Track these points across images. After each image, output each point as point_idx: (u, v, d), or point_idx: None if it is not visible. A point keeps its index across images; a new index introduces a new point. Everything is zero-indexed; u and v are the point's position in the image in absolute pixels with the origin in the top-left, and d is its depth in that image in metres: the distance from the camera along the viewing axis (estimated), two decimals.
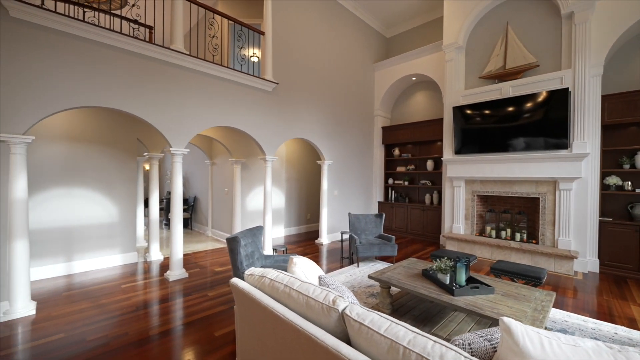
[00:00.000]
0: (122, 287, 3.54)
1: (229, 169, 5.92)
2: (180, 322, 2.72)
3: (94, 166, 4.15)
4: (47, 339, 2.41)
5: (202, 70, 3.95)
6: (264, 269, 1.72)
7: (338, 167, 6.29)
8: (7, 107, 2.69)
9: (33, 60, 2.80)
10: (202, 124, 4.00)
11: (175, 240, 3.77)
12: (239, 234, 2.86)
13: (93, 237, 4.18)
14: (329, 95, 6.01)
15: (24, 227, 2.77)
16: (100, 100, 3.17)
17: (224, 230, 6.12)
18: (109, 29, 3.17)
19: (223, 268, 4.30)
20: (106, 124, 4.25)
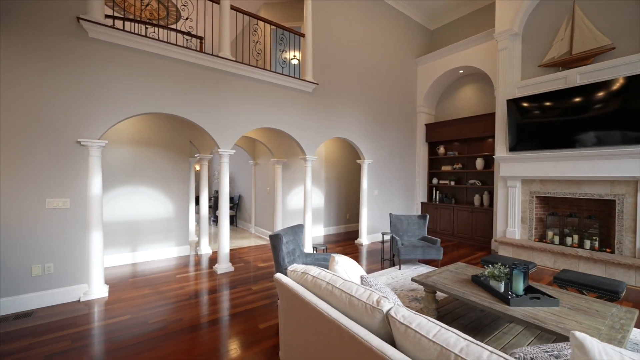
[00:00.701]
0: (177, 277, 3.86)
1: (270, 168, 6.13)
2: (227, 313, 2.89)
3: (153, 167, 4.61)
4: (117, 319, 2.73)
5: (246, 74, 4.15)
6: (306, 266, 1.74)
7: (378, 167, 6.16)
8: (87, 116, 3.10)
9: (107, 74, 3.20)
10: (247, 125, 4.20)
11: (222, 236, 4.01)
12: (281, 232, 2.94)
13: (153, 231, 4.63)
14: (369, 94, 5.91)
15: (99, 220, 3.18)
16: (159, 107, 3.51)
17: (266, 227, 6.37)
18: (166, 42, 3.49)
19: (265, 264, 4.47)
20: (163, 128, 4.69)
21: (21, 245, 2.85)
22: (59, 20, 2.97)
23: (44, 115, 2.92)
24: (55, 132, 2.97)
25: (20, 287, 2.86)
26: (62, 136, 3.01)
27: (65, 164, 3.04)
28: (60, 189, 3.02)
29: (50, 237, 2.97)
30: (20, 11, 2.80)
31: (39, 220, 2.93)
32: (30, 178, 2.88)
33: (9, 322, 2.64)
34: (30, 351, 2.22)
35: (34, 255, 2.91)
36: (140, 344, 2.33)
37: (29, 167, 2.87)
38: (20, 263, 2.85)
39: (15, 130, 2.81)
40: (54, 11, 2.94)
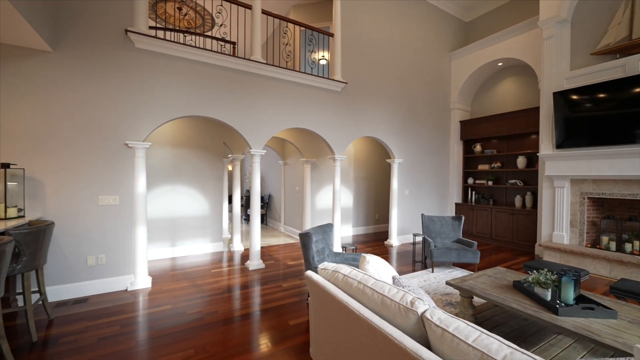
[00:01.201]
0: (212, 272, 4.05)
1: (300, 168, 6.21)
2: (257, 308, 2.97)
3: (190, 167, 4.88)
4: (159, 308, 2.93)
5: (277, 76, 4.25)
6: (337, 265, 1.74)
7: (409, 166, 5.98)
8: (133, 120, 3.37)
9: (150, 81, 3.45)
10: (277, 126, 4.30)
11: (254, 233, 4.13)
12: (311, 230, 2.97)
13: (190, 227, 4.91)
14: (400, 91, 5.76)
15: (144, 216, 3.43)
16: (196, 110, 3.71)
17: (295, 226, 6.46)
18: (202, 48, 3.67)
19: (295, 262, 4.53)
20: (199, 130, 4.95)
21: (78, 237, 3.16)
22: (110, 34, 3.25)
23: (97, 119, 3.22)
24: (107, 135, 3.26)
25: (77, 275, 3.17)
26: (112, 139, 3.29)
27: (115, 164, 3.32)
28: (111, 187, 3.30)
29: (102, 231, 3.27)
30: (79, 28, 3.11)
31: (93, 215, 3.23)
32: (86, 177, 3.19)
33: (68, 307, 2.94)
34: (86, 333, 2.46)
35: (89, 247, 3.21)
36: (180, 333, 2.47)
37: (85, 167, 3.18)
38: (77, 254, 3.16)
39: (73, 133, 3.12)
40: (106, 26, 3.23)
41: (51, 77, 3.02)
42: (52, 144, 3.03)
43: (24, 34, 2.65)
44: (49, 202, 3.03)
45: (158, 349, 2.25)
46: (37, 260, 2.39)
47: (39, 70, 2.97)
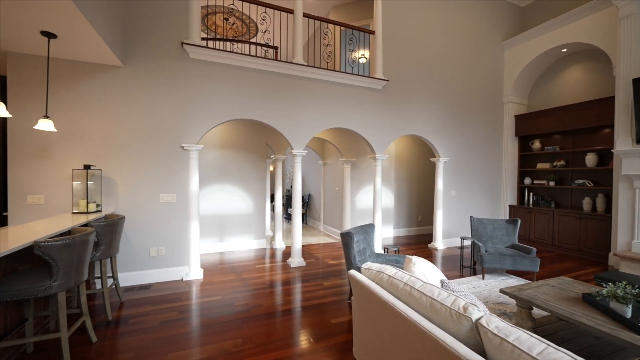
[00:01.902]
0: (256, 267, 4.24)
1: (339, 168, 6.22)
2: (299, 304, 3.04)
3: (236, 167, 5.17)
4: (210, 298, 3.15)
5: (317, 77, 4.31)
6: (381, 265, 1.71)
7: (456, 165, 5.64)
8: (187, 124, 3.67)
9: (203, 88, 3.73)
10: (318, 126, 4.36)
11: (295, 231, 4.24)
12: (353, 230, 2.95)
13: (236, 224, 5.20)
14: (445, 86, 5.46)
15: (197, 213, 3.72)
16: (242, 113, 3.92)
17: (334, 226, 6.48)
18: (247, 54, 3.87)
19: (335, 262, 4.55)
20: (244, 132, 5.22)
21: (143, 231, 3.54)
22: (169, 47, 3.59)
23: (158, 125, 3.57)
24: (166, 138, 3.61)
25: (142, 264, 3.55)
26: (170, 142, 3.63)
27: (173, 165, 3.65)
28: (169, 185, 3.64)
29: (162, 226, 3.62)
30: (144, 44, 3.48)
31: (155, 211, 3.59)
32: (149, 177, 3.56)
33: (135, 292, 3.30)
34: (150, 316, 2.74)
35: (152, 239, 3.58)
36: (229, 323, 2.63)
37: (148, 167, 3.55)
38: (142, 245, 3.54)
39: (139, 138, 3.50)
40: (166, 40, 3.57)
41: (121, 89, 3.43)
42: (122, 148, 3.44)
43: (102, 53, 3.05)
44: (120, 199, 3.44)
45: (210, 335, 2.43)
46: (112, 249, 2.74)
47: (112, 83, 3.39)
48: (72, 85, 3.24)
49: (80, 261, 2.00)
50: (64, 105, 3.20)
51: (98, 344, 2.30)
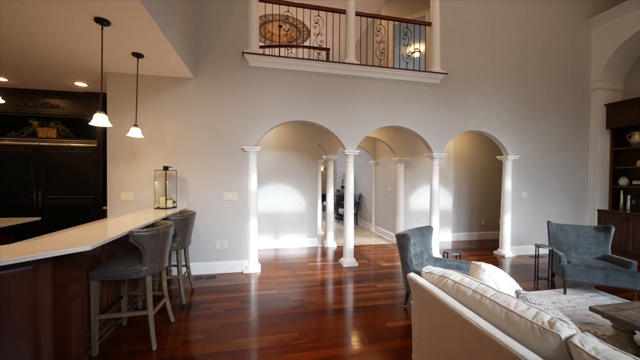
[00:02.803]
0: (309, 265, 4.35)
1: (392, 168, 6.03)
2: (352, 304, 3.02)
3: (290, 168, 5.37)
4: (268, 291, 3.33)
5: (370, 75, 4.24)
6: (444, 270, 1.60)
7: (527, 163, 5.01)
8: (247, 127, 3.94)
9: (260, 92, 3.96)
10: (371, 125, 4.29)
11: (347, 232, 4.23)
12: (409, 232, 2.83)
13: (290, 222, 5.40)
14: (515, 75, 4.90)
15: (255, 210, 3.96)
16: (296, 115, 4.06)
17: (386, 227, 6.30)
18: (300, 58, 3.99)
19: (388, 264, 4.42)
20: (298, 134, 5.39)
21: (209, 226, 3.90)
22: (231, 57, 3.90)
23: (222, 129, 3.90)
24: (228, 141, 3.92)
25: (209, 256, 3.92)
26: (232, 144, 3.93)
27: (235, 166, 3.95)
28: (231, 185, 3.95)
29: (225, 222, 3.94)
30: (210, 57, 3.84)
31: (219, 208, 3.92)
32: (215, 176, 3.91)
33: (203, 280, 3.66)
34: (216, 303, 3.01)
35: (217, 233, 3.92)
36: (285, 316, 2.74)
37: (214, 168, 3.90)
38: (209, 239, 3.91)
39: (206, 141, 3.87)
40: (228, 52, 3.88)
41: (192, 98, 3.83)
42: (192, 151, 3.84)
43: (178, 68, 3.45)
44: (191, 196, 3.85)
45: (269, 326, 2.56)
46: (185, 241, 3.07)
47: (184, 93, 3.81)
48: (154, 97, 3.73)
49: (163, 250, 2.29)
50: (148, 115, 3.71)
51: (175, 323, 2.60)
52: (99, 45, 2.76)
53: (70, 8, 2.17)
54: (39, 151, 4.27)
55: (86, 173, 4.41)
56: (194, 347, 2.25)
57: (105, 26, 2.41)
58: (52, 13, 2.24)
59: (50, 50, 2.95)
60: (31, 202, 4.27)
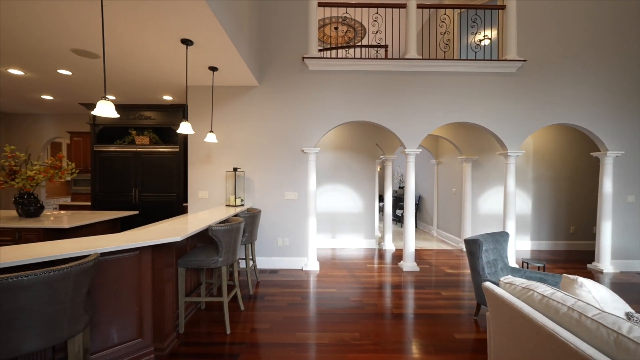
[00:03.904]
0: (367, 266, 4.30)
1: (457, 167, 5.59)
2: (413, 310, 2.89)
3: (347, 168, 5.39)
4: (326, 290, 3.39)
5: (432, 70, 4.00)
6: (529, 281, 1.42)
7: (635, 160, 4.13)
8: (307, 129, 4.07)
9: (319, 95, 4.07)
10: (433, 123, 4.04)
11: (407, 234, 4.06)
12: (480, 237, 2.59)
13: (347, 223, 5.42)
14: (614, 53, 4.09)
15: (314, 210, 4.08)
16: (355, 115, 4.05)
17: (450, 231, 5.86)
18: (358, 58, 3.97)
19: (454, 271, 4.10)
20: (354, 134, 5.37)
21: (272, 223, 4.15)
22: (292, 63, 4.08)
23: (283, 132, 4.11)
24: (289, 143, 4.11)
25: (271, 251, 4.17)
26: (293, 146, 4.11)
27: (295, 167, 4.13)
28: (292, 185, 4.14)
29: (286, 220, 4.14)
30: (274, 65, 4.09)
31: (281, 207, 4.14)
32: (277, 177, 4.14)
33: (266, 274, 3.90)
34: (279, 297, 3.18)
35: (278, 231, 4.15)
36: (345, 315, 2.76)
37: (276, 169, 4.13)
38: (271, 236, 4.16)
39: (269, 144, 4.13)
40: (290, 58, 4.08)
41: (257, 104, 4.12)
42: (257, 153, 4.13)
43: (246, 78, 3.76)
44: (256, 195, 4.15)
45: (329, 324, 2.61)
46: (252, 236, 3.33)
47: (250, 100, 4.13)
48: (225, 105, 4.12)
49: (235, 243, 2.51)
50: (220, 121, 4.12)
51: (245, 312, 2.83)
52: (184, 63, 3.17)
53: (163, 32, 2.54)
54: (136, 156, 5.09)
55: (170, 174, 5.09)
56: (261, 335, 2.42)
57: (189, 46, 2.76)
58: (149, 37, 2.65)
59: (146, 71, 3.49)
60: (130, 199, 5.11)
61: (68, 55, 3.06)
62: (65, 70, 3.50)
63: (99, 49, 2.90)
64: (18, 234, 2.85)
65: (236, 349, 2.23)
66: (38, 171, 3.13)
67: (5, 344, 1.19)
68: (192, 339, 2.36)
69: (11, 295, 1.17)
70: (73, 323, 1.36)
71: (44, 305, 1.25)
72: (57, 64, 3.32)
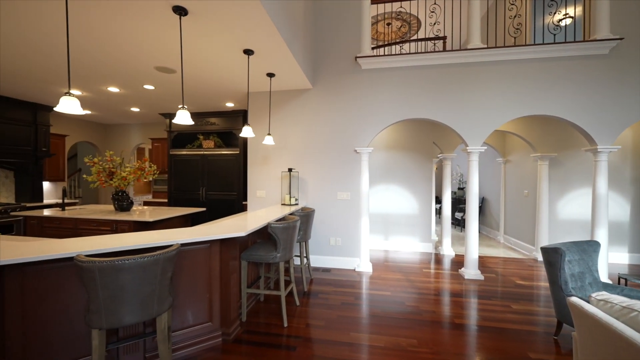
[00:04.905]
0: (423, 271, 4.08)
1: (529, 166, 4.96)
2: (476, 322, 2.65)
3: (401, 167, 5.19)
4: (380, 292, 3.32)
5: (499, 59, 3.62)
6: (632, 300, 1.20)
7: None
8: (360, 129, 4.04)
9: (372, 94, 4.00)
10: (500, 118, 3.66)
11: (471, 239, 3.75)
12: (562, 246, 2.26)
13: (400, 224, 5.22)
14: None
15: (367, 210, 4.03)
16: (410, 113, 3.89)
17: (520, 238, 5.23)
18: (413, 53, 3.80)
19: (526, 282, 3.66)
20: (409, 132, 5.15)
21: (325, 223, 4.21)
22: (345, 64, 4.09)
23: (336, 133, 4.15)
24: (342, 144, 4.13)
25: (324, 250, 4.23)
26: (345, 146, 4.12)
27: (347, 167, 4.13)
28: (344, 185, 4.15)
29: (339, 219, 4.17)
30: (326, 67, 4.15)
31: (333, 206, 4.18)
32: (329, 177, 4.19)
33: (319, 272, 3.98)
34: (332, 295, 3.22)
35: (331, 230, 4.19)
36: (400, 320, 2.67)
37: (329, 169, 4.19)
38: (324, 235, 4.22)
39: (322, 145, 4.20)
40: (343, 59, 4.10)
41: (310, 106, 4.23)
42: (310, 154, 4.24)
43: (301, 81, 3.89)
44: (310, 195, 4.26)
45: (384, 327, 2.55)
46: (307, 234, 3.43)
47: (304, 102, 4.26)
48: (281, 108, 4.32)
49: (292, 241, 2.62)
50: (276, 124, 4.33)
51: (300, 307, 2.93)
52: (245, 72, 3.42)
53: (228, 45, 2.78)
54: (203, 158, 5.65)
55: (231, 174, 5.53)
56: (316, 331, 2.48)
57: (250, 55, 2.97)
58: (216, 50, 2.92)
59: (213, 81, 3.85)
60: (198, 197, 5.69)
61: (152, 73, 3.55)
62: (149, 86, 4.06)
63: (175, 65, 3.30)
64: (115, 225, 3.40)
65: (292, 342, 2.32)
66: (129, 172, 3.69)
67: (112, 315, 1.43)
68: (253, 327, 2.53)
69: (116, 275, 1.40)
70: (160, 303, 1.57)
71: (139, 286, 1.47)
72: (143, 81, 3.87)
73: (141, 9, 2.17)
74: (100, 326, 1.43)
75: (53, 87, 4.14)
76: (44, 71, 3.52)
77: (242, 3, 2.09)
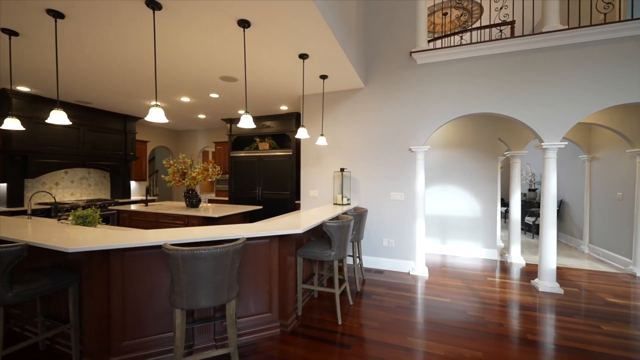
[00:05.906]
0: (487, 279, 3.74)
1: (623, 165, 4.20)
2: (553, 340, 2.34)
3: (460, 167, 4.83)
4: (438, 298, 3.14)
5: (583, 40, 3.13)
6: None
7: None
8: (415, 127, 3.87)
9: (428, 90, 3.81)
10: (586, 108, 3.16)
11: (547, 247, 3.31)
12: None
13: (460, 228, 4.86)
14: None
15: (423, 211, 3.84)
16: (472, 108, 3.60)
17: (612, 249, 4.45)
18: (475, 42, 3.50)
19: (620, 301, 3.10)
20: (470, 129, 4.77)
21: (377, 223, 4.14)
22: (399, 61, 3.97)
23: (389, 131, 4.04)
24: (395, 143, 4.01)
25: (376, 251, 4.16)
26: (399, 145, 3.99)
27: (401, 166, 3.99)
28: (398, 185, 4.02)
29: (392, 220, 4.05)
30: (378, 65, 4.08)
31: (386, 207, 4.08)
32: (382, 177, 4.10)
33: (372, 273, 3.92)
34: (386, 297, 3.15)
35: (384, 231, 4.10)
36: (463, 330, 2.49)
37: (381, 169, 4.10)
38: (377, 236, 4.15)
39: (375, 144, 4.13)
40: (396, 56, 3.98)
41: (362, 105, 4.19)
42: (363, 153, 4.20)
43: (353, 82, 3.90)
44: (362, 195, 4.23)
45: (444, 335, 2.40)
46: (360, 234, 3.41)
47: (356, 102, 4.24)
48: (333, 109, 4.37)
49: (345, 240, 2.64)
50: (328, 125, 4.40)
51: (353, 307, 2.93)
52: (300, 76, 3.55)
53: (285, 50, 2.91)
54: (259, 159, 6.01)
55: (285, 175, 5.77)
56: (370, 331, 2.46)
57: (305, 59, 3.07)
58: (273, 57, 3.09)
59: (269, 86, 4.08)
60: (255, 196, 6.07)
61: (217, 82, 3.90)
62: (214, 94, 4.48)
63: (236, 74, 3.57)
64: (187, 220, 3.82)
65: (346, 340, 2.34)
66: (198, 173, 4.11)
67: (191, 298, 1.62)
68: (308, 322, 2.61)
69: (195, 263, 1.58)
70: (230, 290, 1.73)
71: (213, 274, 1.63)
72: (209, 90, 4.28)
73: (211, 23, 2.40)
74: (182, 306, 1.63)
75: (137, 100, 4.83)
76: (131, 87, 4.14)
77: (298, 5, 2.15)
